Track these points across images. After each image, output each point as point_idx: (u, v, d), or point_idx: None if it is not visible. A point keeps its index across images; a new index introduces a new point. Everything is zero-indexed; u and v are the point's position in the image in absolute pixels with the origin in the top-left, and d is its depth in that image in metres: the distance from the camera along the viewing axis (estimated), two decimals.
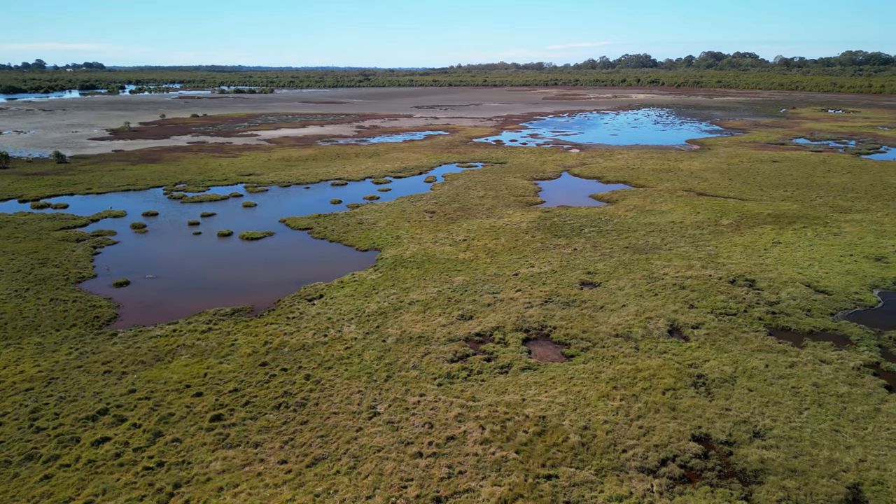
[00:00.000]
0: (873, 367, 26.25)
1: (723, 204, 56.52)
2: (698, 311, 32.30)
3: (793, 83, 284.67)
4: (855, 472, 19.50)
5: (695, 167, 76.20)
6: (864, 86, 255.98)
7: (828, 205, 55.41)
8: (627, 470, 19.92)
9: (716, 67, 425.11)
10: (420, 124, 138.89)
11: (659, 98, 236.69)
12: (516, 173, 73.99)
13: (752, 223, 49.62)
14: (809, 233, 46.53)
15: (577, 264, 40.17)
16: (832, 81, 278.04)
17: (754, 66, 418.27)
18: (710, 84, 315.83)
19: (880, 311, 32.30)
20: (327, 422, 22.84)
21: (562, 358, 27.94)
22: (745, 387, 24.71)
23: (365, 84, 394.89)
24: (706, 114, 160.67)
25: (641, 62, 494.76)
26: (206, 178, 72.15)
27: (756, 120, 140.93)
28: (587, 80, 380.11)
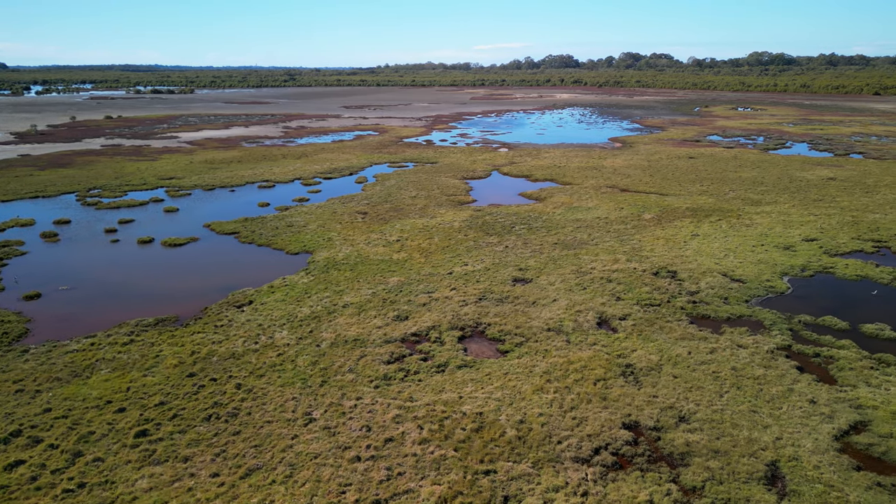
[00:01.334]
0: (785, 350, 28.00)
1: (645, 199, 58.81)
2: (625, 302, 33.48)
3: (705, 83, 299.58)
4: (772, 450, 20.73)
5: (618, 164, 78.93)
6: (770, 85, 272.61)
7: (740, 198, 58.64)
8: (563, 461, 20.41)
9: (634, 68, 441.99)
10: (349, 124, 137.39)
11: (582, 97, 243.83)
12: (447, 173, 74.40)
13: (672, 217, 51.89)
14: (724, 225, 49.10)
15: (509, 261, 40.81)
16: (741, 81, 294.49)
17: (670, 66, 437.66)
18: (629, 84, 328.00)
19: (790, 297, 34.48)
20: (261, 431, 22.23)
21: (497, 354, 28.32)
22: (670, 374, 25.81)
23: (290, 84, 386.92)
24: (627, 112, 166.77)
25: (565, 63, 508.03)
26: (123, 182, 68.71)
27: (673, 118, 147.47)
28: (513, 80, 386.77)
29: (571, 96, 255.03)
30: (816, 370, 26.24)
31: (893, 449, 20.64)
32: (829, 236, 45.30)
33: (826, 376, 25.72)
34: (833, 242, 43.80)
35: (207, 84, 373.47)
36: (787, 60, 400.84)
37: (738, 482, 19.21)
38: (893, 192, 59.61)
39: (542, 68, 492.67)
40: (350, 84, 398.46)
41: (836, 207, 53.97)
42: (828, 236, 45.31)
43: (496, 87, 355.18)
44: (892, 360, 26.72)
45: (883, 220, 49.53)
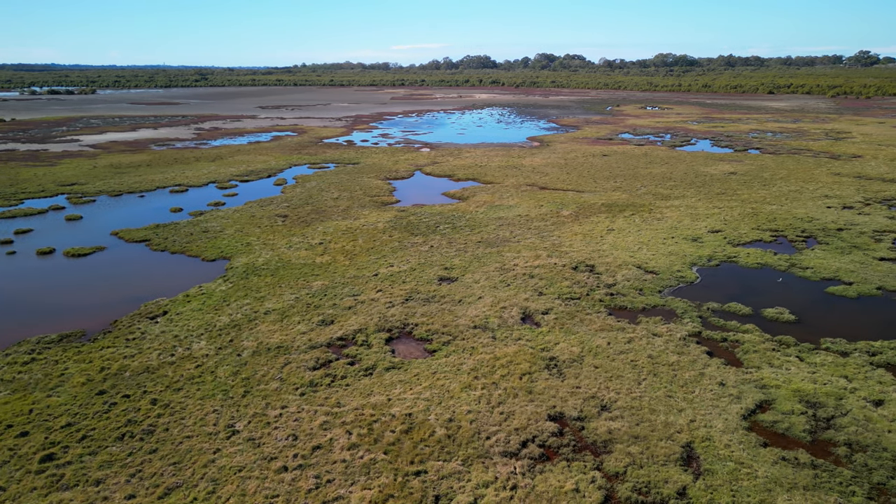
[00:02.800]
0: (696, 337, 29.57)
1: (562, 196, 60.56)
2: (547, 297, 34.33)
3: (616, 83, 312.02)
4: (687, 432, 21.84)
5: (536, 163, 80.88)
6: (675, 85, 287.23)
7: (651, 193, 61.45)
8: (492, 456, 20.68)
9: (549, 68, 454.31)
10: (266, 125, 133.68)
11: (500, 97, 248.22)
12: (370, 173, 73.80)
13: (589, 213, 53.71)
14: (637, 219, 51.30)
15: (434, 261, 40.95)
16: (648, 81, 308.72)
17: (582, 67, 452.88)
18: (545, 84, 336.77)
19: (699, 286, 36.46)
20: (180, 447, 21.24)
21: (425, 354, 28.34)
22: (591, 364, 26.69)
23: (202, 84, 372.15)
24: (543, 112, 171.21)
25: (482, 63, 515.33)
26: (18, 189, 63.87)
27: (587, 117, 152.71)
28: (433, 80, 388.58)
29: (490, 96, 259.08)
30: (724, 354, 27.87)
31: (795, 425, 22.22)
32: (732, 227, 48.23)
33: (733, 359, 27.35)
34: (736, 233, 46.66)
35: (111, 84, 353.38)
36: (689, 62, 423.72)
37: (657, 465, 20.10)
38: (787, 184, 64.20)
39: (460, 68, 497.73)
40: (266, 84, 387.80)
41: (737, 200, 57.52)
42: (731, 227, 48.22)
43: (416, 87, 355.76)
44: (792, 342, 28.77)
45: (779, 210, 53.24)
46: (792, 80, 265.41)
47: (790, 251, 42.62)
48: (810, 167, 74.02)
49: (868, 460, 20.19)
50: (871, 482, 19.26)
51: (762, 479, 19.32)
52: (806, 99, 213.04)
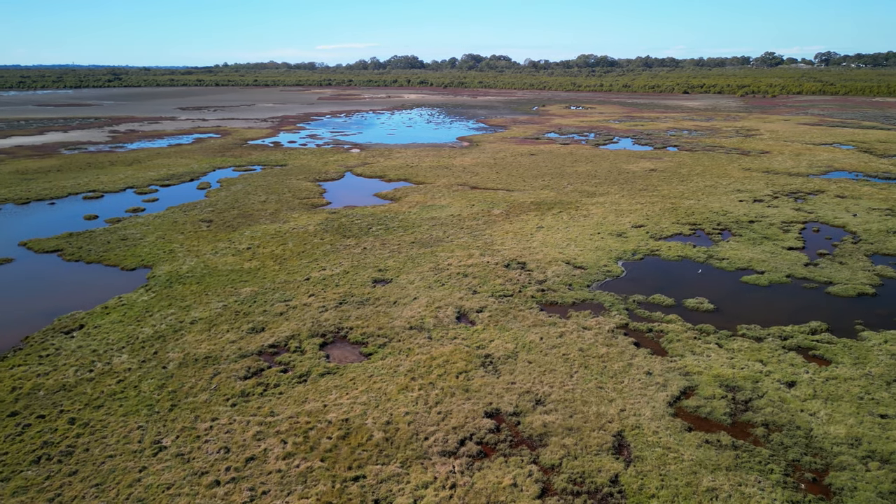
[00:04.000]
0: (624, 328, 30.64)
1: (493, 195, 61.40)
2: (481, 295, 34.72)
3: (541, 83, 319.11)
4: (618, 422, 22.60)
5: (467, 163, 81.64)
6: (597, 85, 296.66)
7: (577, 191, 63.22)
8: (430, 456, 20.71)
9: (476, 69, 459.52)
10: (186, 127, 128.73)
11: (429, 98, 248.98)
12: (298, 175, 72.36)
13: (519, 211, 54.69)
14: (565, 216, 52.67)
15: (368, 263, 40.60)
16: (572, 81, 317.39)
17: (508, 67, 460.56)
18: (473, 84, 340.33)
19: (625, 280, 37.81)
20: (102, 467, 20.14)
21: (360, 357, 28.06)
22: (525, 360, 27.19)
23: (116, 84, 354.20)
24: (472, 112, 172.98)
25: (410, 63, 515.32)
26: None
27: (514, 117, 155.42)
28: (361, 80, 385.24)
29: (419, 96, 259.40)
30: (650, 344, 29.02)
31: (716, 409, 23.40)
32: (654, 222, 50.29)
33: (659, 349, 28.52)
34: (657, 228, 48.67)
35: (15, 85, 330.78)
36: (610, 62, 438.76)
37: (590, 455, 20.70)
38: (703, 180, 67.52)
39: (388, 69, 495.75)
40: (185, 84, 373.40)
41: (658, 196, 60.02)
42: (653, 222, 50.26)
43: (344, 87, 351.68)
44: (711, 330, 30.28)
45: (696, 205, 55.93)
46: (705, 81, 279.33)
47: (707, 243, 44.85)
48: (723, 163, 78.13)
49: (783, 439, 21.52)
50: (787, 459, 20.54)
51: (688, 463, 20.24)
52: (718, 98, 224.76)
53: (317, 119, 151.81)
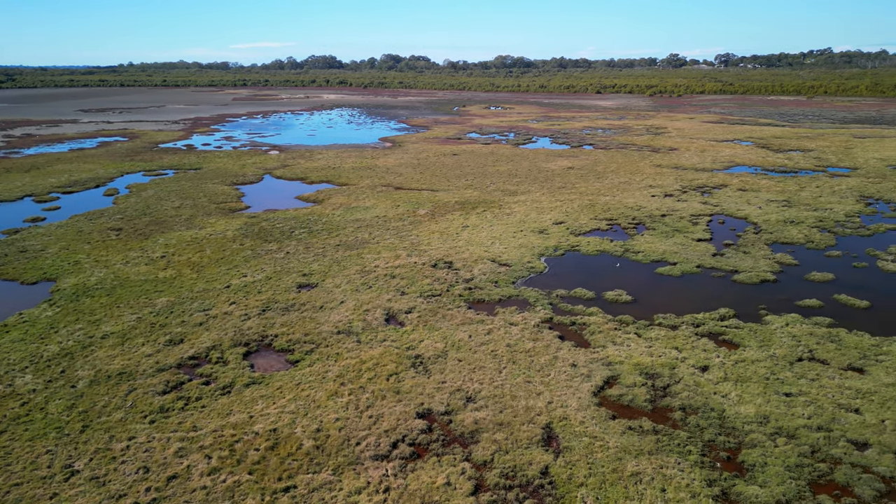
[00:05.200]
0: (549, 323, 31.44)
1: (418, 196, 61.46)
2: (409, 296, 34.66)
3: (461, 84, 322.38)
4: (546, 414, 23.16)
5: (390, 163, 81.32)
6: (515, 86, 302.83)
7: (500, 190, 64.31)
8: (363, 461, 20.49)
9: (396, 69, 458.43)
10: (90, 130, 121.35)
11: (349, 98, 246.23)
12: (214, 179, 69.73)
13: (444, 211, 55.02)
14: (489, 215, 53.45)
15: (291, 267, 39.66)
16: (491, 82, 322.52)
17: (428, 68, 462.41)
18: (393, 85, 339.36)
19: (548, 275, 38.79)
20: (7, 497, 18.66)
21: (287, 365, 27.37)
22: (455, 358, 27.38)
23: (9, 85, 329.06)
24: (394, 113, 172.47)
25: (328, 63, 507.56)
26: None
27: (436, 117, 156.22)
28: (277, 80, 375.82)
29: (338, 97, 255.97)
30: (574, 337, 29.92)
31: (638, 396, 24.41)
32: (573, 219, 51.88)
33: (582, 341, 29.45)
34: (576, 224, 50.24)
35: None
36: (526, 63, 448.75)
37: (521, 448, 21.11)
38: (618, 176, 70.28)
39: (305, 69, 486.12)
40: (88, 84, 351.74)
41: (576, 193, 61.96)
42: (572, 219, 51.84)
43: (260, 87, 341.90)
44: (630, 321, 31.56)
45: (612, 201, 58.15)
46: (616, 81, 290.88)
47: (624, 238, 46.72)
48: (636, 160, 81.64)
49: (699, 421, 22.73)
50: (703, 440, 21.70)
51: (613, 450, 21.01)
52: (629, 98, 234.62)
53: (232, 120, 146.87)
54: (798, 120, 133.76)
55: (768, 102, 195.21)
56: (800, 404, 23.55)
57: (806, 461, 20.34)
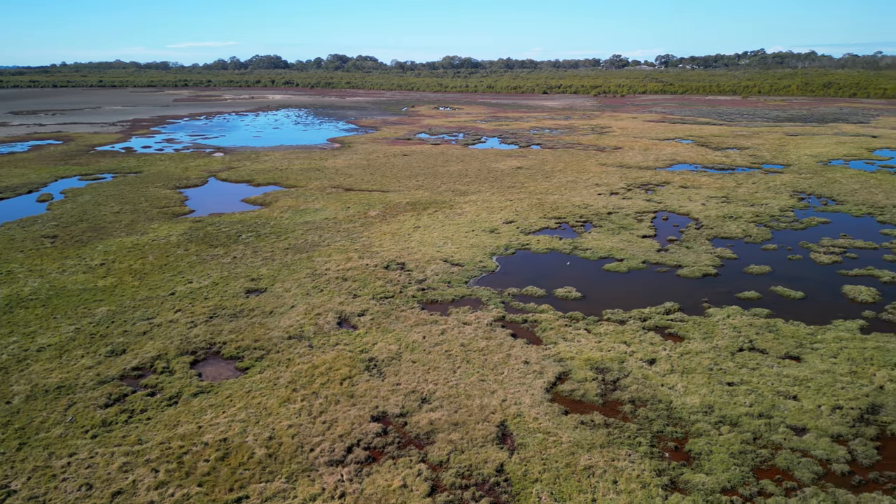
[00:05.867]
0: (501, 321, 31.72)
1: (368, 197, 61.05)
2: (362, 298, 34.39)
3: (409, 84, 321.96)
4: (500, 412, 23.36)
5: (339, 164, 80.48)
6: (463, 86, 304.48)
7: (450, 190, 64.52)
8: (317, 467, 20.21)
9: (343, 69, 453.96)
10: (20, 133, 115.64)
11: (296, 99, 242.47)
12: (156, 182, 67.51)
13: (395, 212, 54.83)
14: (440, 215, 53.56)
15: (239, 272, 38.77)
16: (439, 82, 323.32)
17: (375, 68, 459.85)
18: (340, 85, 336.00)
19: (500, 274, 39.15)
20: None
21: (237, 373, 26.74)
22: (409, 360, 27.32)
23: None
24: (342, 113, 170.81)
25: (273, 63, 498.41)
26: None
27: (384, 118, 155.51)
28: (220, 80, 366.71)
29: (285, 97, 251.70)
30: (526, 334, 30.29)
31: (589, 391, 24.90)
32: (523, 217, 52.53)
33: (534, 338, 29.85)
34: (526, 223, 50.88)
35: None
36: (474, 64, 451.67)
37: (476, 447, 21.23)
38: (565, 175, 71.54)
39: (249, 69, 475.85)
40: (17, 86, 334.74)
41: (525, 192, 62.75)
42: (522, 218, 52.49)
43: (202, 87, 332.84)
44: (580, 317, 32.16)
45: (560, 200, 59.14)
46: (561, 81, 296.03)
47: (572, 235, 47.59)
48: (582, 159, 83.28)
49: (648, 413, 23.36)
50: (652, 431, 22.32)
51: (566, 444, 21.37)
52: (574, 98, 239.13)
53: (173, 122, 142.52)
54: (734, 119, 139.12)
55: (706, 102, 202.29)
56: (742, 393, 24.49)
57: (749, 448, 21.18)
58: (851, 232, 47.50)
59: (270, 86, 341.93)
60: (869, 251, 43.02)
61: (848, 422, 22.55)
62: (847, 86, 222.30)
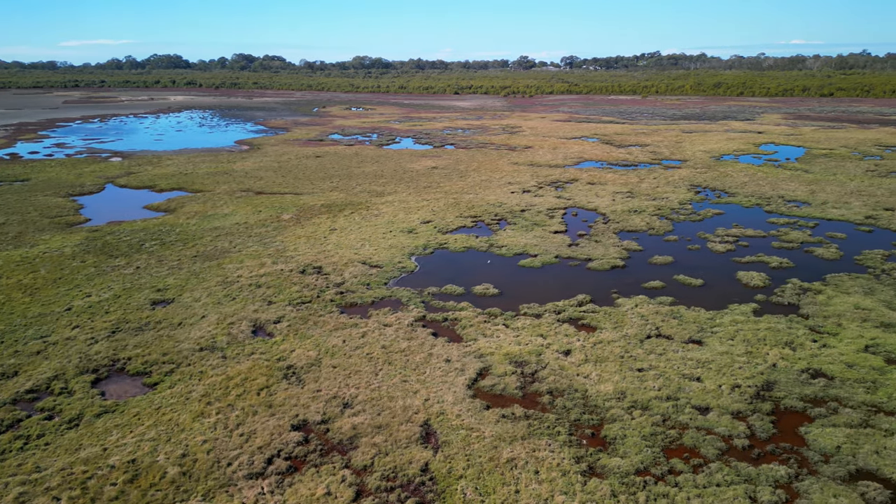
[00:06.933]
0: (422, 321, 31.80)
1: (281, 200, 59.48)
2: (277, 305, 33.46)
3: (319, 84, 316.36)
4: (423, 411, 23.42)
5: (248, 167, 77.92)
6: (375, 86, 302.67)
7: (366, 191, 63.99)
8: (236, 482, 19.49)
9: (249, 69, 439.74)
10: None
11: (200, 100, 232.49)
12: (46, 190, 62.75)
13: (310, 215, 53.73)
14: (357, 217, 52.99)
15: (143, 283, 36.72)
16: (350, 83, 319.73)
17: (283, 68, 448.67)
18: (247, 85, 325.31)
19: (419, 274, 39.23)
20: None
21: (144, 389, 25.32)
22: (329, 365, 26.86)
23: None
24: (249, 114, 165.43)
25: (174, 63, 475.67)
26: None
27: (295, 119, 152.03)
28: (116, 81, 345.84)
29: (188, 98, 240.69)
30: (447, 333, 30.53)
31: (509, 384, 25.42)
32: (440, 217, 52.90)
33: (454, 336, 30.12)
34: (444, 222, 51.28)
35: None
36: (385, 64, 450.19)
37: (400, 449, 21.17)
38: (479, 174, 72.66)
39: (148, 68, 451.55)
40: None
41: (441, 192, 63.21)
42: (439, 217, 52.84)
43: (95, 88, 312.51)
44: (498, 313, 32.77)
45: (475, 199, 60.02)
46: (472, 82, 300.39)
47: (488, 233, 48.42)
48: (495, 158, 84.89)
49: (566, 402, 24.14)
50: (570, 420, 23.08)
51: (489, 439, 21.72)
52: (485, 98, 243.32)
53: (64, 125, 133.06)
54: (635, 117, 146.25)
55: (609, 101, 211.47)
56: (650, 378, 25.79)
57: (659, 429, 22.33)
58: (742, 222, 51.10)
59: (171, 86, 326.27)
60: (758, 239, 46.43)
61: (746, 399, 24.25)
62: (735, 85, 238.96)
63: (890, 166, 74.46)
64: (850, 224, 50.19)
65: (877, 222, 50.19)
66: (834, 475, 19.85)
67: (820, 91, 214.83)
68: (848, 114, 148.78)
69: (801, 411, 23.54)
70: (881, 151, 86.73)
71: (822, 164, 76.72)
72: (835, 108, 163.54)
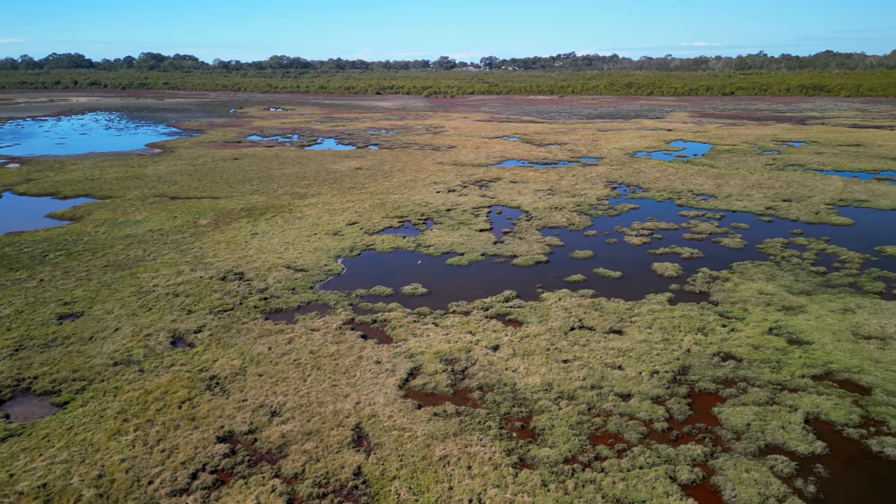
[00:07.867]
0: (350, 324, 31.47)
1: (198, 205, 57.24)
2: (197, 314, 32.21)
3: (235, 84, 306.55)
4: (355, 415, 23.20)
5: (161, 171, 74.52)
6: (294, 86, 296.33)
7: (289, 193, 62.58)
8: (158, 500, 18.65)
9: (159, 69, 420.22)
10: None
11: (105, 101, 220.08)
12: None
13: (229, 219, 52.00)
14: (279, 220, 51.75)
15: (48, 297, 34.43)
16: (268, 83, 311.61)
17: (196, 68, 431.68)
18: (157, 86, 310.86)
19: (346, 276, 38.78)
20: None
21: (53, 409, 23.77)
22: (255, 374, 26.13)
23: None
24: (161, 116, 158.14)
25: (75, 63, 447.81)
26: None
27: (210, 120, 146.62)
28: (11, 82, 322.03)
29: (92, 100, 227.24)
30: (377, 334, 30.36)
31: (440, 383, 25.58)
32: (366, 218, 52.49)
33: (384, 337, 30.00)
34: (370, 223, 50.92)
35: None
36: (304, 64, 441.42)
37: (332, 454, 20.90)
38: (404, 175, 72.62)
39: (46, 69, 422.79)
40: None
41: (366, 193, 62.72)
42: (365, 218, 52.42)
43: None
44: (428, 312, 32.90)
45: (401, 199, 59.95)
46: (394, 82, 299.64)
47: (415, 233, 48.49)
48: (419, 158, 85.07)
49: (495, 397, 24.55)
50: (500, 414, 23.50)
51: (422, 438, 21.79)
52: (407, 98, 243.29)
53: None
54: (554, 117, 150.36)
55: (528, 101, 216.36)
56: (575, 368, 26.64)
57: (585, 418, 23.11)
58: (656, 216, 53.61)
59: (73, 87, 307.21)
60: (671, 231, 48.85)
61: (664, 384, 25.48)
62: (645, 85, 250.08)
63: (786, 160, 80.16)
64: (752, 215, 53.65)
65: (776, 213, 53.91)
66: (745, 451, 21.19)
67: (722, 90, 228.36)
68: (748, 111, 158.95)
69: (714, 392, 24.98)
70: (778, 146, 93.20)
71: (726, 160, 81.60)
72: (736, 106, 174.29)
